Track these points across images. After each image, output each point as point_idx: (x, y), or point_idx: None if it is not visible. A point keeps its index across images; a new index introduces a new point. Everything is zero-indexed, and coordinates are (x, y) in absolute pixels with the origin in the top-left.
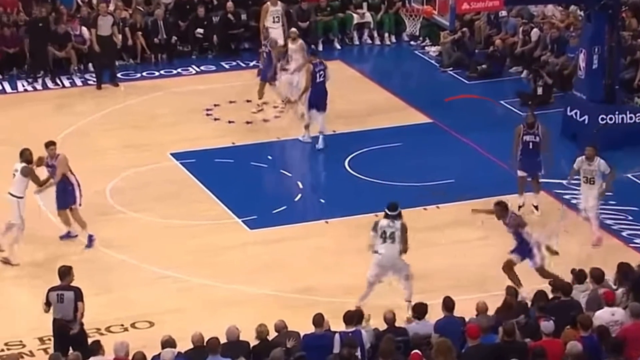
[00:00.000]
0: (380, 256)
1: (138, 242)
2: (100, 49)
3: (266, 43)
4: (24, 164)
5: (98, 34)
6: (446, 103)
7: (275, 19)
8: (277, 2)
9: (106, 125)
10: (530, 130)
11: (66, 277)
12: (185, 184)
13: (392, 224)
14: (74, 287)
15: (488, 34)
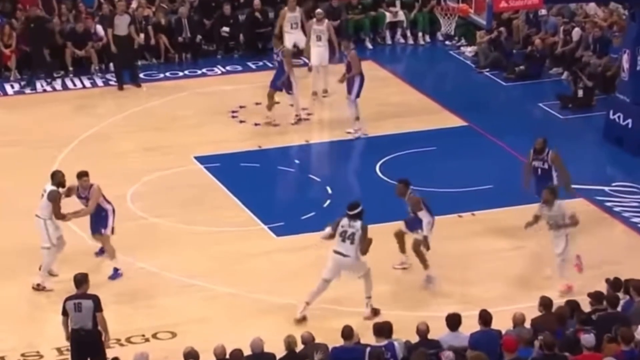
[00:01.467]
0: (338, 257)
1: (160, 249)
2: (118, 49)
3: (277, 52)
4: (54, 187)
5: (115, 34)
6: (482, 105)
7: (293, 25)
8: (295, 8)
9: (128, 127)
10: (538, 156)
11: (83, 285)
12: (209, 189)
13: (352, 223)
14: (92, 295)
15: (527, 33)
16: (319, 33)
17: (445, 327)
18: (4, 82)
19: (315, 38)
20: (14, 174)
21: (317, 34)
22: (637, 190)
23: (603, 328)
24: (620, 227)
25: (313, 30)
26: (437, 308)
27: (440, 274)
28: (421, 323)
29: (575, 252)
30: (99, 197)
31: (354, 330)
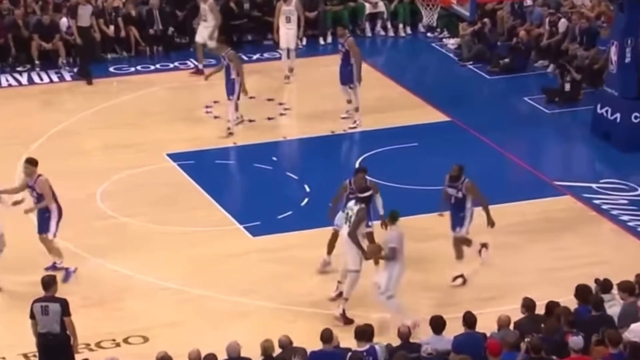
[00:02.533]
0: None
1: (131, 250)
2: (82, 41)
3: (224, 55)
4: None
5: (78, 25)
6: (466, 100)
7: (287, 19)
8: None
9: (97, 123)
10: (453, 183)
11: (51, 288)
12: (182, 187)
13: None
14: (60, 299)
15: (511, 24)
16: (287, 14)
17: (429, 330)
18: None
19: (285, 19)
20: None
21: (287, 15)
22: (626, 187)
23: (588, 330)
24: (608, 225)
25: (282, 12)
26: (420, 310)
27: (423, 275)
28: (402, 326)
29: None
30: (49, 192)
31: (333, 333)
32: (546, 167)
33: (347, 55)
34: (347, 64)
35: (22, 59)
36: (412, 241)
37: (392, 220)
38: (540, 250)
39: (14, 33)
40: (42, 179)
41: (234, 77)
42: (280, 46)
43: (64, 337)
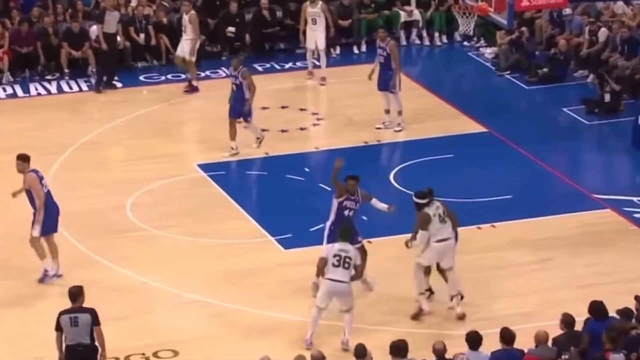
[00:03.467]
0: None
1: (161, 262)
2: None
3: (236, 73)
4: None
5: (104, 31)
6: (503, 110)
7: (313, 21)
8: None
9: (127, 133)
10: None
11: (78, 299)
12: (213, 199)
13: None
14: (89, 309)
15: (550, 33)
16: (313, 16)
17: (465, 346)
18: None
19: (311, 22)
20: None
21: (312, 17)
22: None
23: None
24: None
25: (308, 14)
26: (456, 326)
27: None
28: (438, 342)
29: None
30: (39, 188)
31: (367, 349)
32: (585, 180)
33: (388, 60)
34: (387, 69)
35: (52, 68)
36: None
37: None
38: (580, 264)
39: (43, 41)
40: (29, 176)
41: (248, 97)
42: (307, 45)
43: (93, 348)
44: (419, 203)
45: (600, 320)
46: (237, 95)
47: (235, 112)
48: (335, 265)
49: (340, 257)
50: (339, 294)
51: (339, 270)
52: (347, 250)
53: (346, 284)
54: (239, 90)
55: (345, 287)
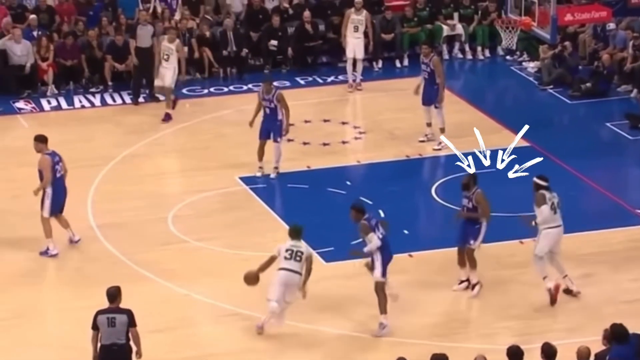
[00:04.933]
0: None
1: (203, 274)
2: (140, 62)
3: (270, 97)
4: None
5: (137, 46)
6: (546, 125)
7: (355, 28)
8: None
9: (169, 146)
10: (466, 193)
11: (116, 299)
12: (255, 211)
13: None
14: (127, 310)
15: (594, 48)
16: (356, 23)
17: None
18: (40, 97)
19: (353, 28)
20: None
21: (355, 24)
22: None
23: None
24: None
25: (351, 20)
26: (497, 340)
27: (501, 302)
28: (479, 356)
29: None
30: (47, 171)
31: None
32: (629, 195)
33: (432, 75)
34: (432, 84)
35: (96, 80)
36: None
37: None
38: (624, 280)
39: (87, 54)
40: (42, 158)
41: (281, 118)
42: (347, 54)
43: (127, 348)
44: (539, 184)
45: (622, 344)
46: (270, 118)
47: (266, 133)
48: (287, 258)
49: (292, 251)
50: (290, 284)
51: (291, 261)
52: (299, 246)
53: (298, 274)
54: (272, 113)
55: (297, 277)
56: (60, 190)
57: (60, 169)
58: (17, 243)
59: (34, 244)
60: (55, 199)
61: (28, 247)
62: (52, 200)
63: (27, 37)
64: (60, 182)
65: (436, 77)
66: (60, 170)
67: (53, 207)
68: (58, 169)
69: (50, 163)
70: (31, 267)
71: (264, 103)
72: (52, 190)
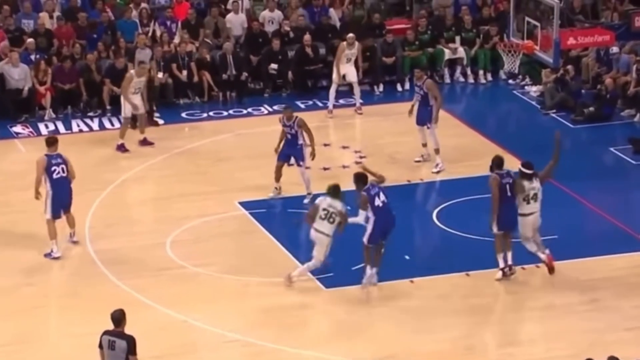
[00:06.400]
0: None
1: (202, 300)
2: None
3: (291, 124)
4: None
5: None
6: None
7: (348, 60)
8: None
9: (168, 170)
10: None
11: (121, 323)
12: (254, 237)
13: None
14: (129, 337)
15: (597, 72)
16: (350, 56)
17: None
18: (38, 121)
19: (346, 61)
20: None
21: (348, 57)
22: None
23: None
24: None
25: (344, 55)
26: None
27: (504, 328)
28: None
29: None
30: (38, 171)
31: None
32: (633, 220)
33: (426, 97)
34: (426, 105)
35: (94, 104)
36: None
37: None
38: (628, 306)
39: (85, 78)
40: (38, 158)
41: (302, 143)
42: (334, 79)
43: None
44: (523, 172)
45: None
46: (291, 142)
47: (285, 157)
48: (321, 218)
49: (328, 212)
50: (317, 242)
51: (324, 223)
52: (335, 206)
53: (327, 236)
54: (293, 138)
55: (324, 238)
56: (60, 192)
57: (60, 171)
58: (13, 267)
59: (30, 267)
60: (55, 200)
61: (24, 273)
62: (53, 201)
63: (24, 61)
64: (59, 183)
65: (430, 99)
66: (60, 172)
67: (54, 208)
68: (57, 170)
69: (43, 163)
70: (29, 292)
71: (285, 129)
72: (51, 192)
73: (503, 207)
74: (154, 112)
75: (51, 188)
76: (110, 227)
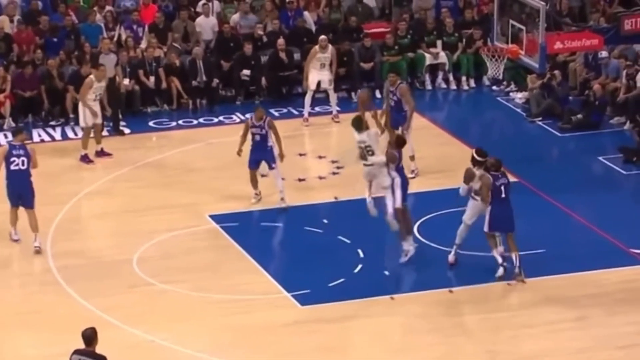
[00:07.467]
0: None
1: (170, 319)
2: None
3: (261, 124)
4: None
5: None
6: (535, 159)
7: (322, 66)
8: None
9: (135, 182)
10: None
11: (92, 342)
12: (226, 252)
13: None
14: (100, 356)
15: (585, 77)
16: (323, 61)
17: None
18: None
19: (319, 66)
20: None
21: (322, 62)
22: None
23: None
24: None
25: (317, 59)
26: None
27: (487, 348)
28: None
29: None
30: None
31: None
32: (623, 233)
33: (399, 103)
34: (399, 110)
35: (56, 113)
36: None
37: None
38: (618, 323)
39: (47, 85)
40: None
41: (271, 144)
42: (309, 87)
43: None
44: (474, 159)
45: None
46: (260, 146)
47: (256, 163)
48: (363, 155)
49: (362, 148)
50: (371, 176)
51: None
52: (364, 140)
53: (372, 165)
54: (263, 140)
55: (371, 168)
56: (15, 183)
57: (20, 163)
58: None
59: None
60: (10, 191)
61: None
62: (8, 191)
63: None
64: (15, 176)
65: (404, 105)
66: (19, 164)
67: (10, 198)
68: (16, 161)
69: (4, 152)
70: None
71: (253, 130)
72: (7, 182)
73: (497, 208)
74: (120, 120)
75: (6, 178)
76: (74, 242)
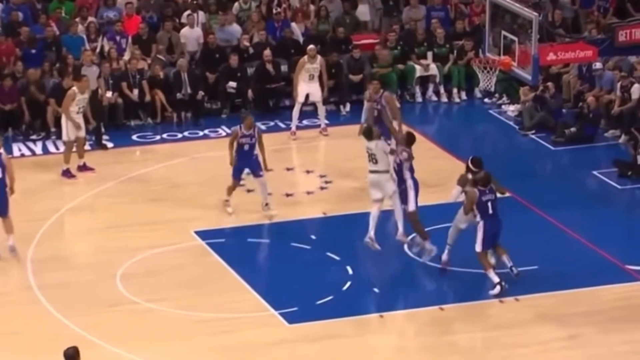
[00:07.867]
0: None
1: (154, 339)
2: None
3: (251, 133)
4: None
5: None
6: (527, 173)
7: (310, 77)
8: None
9: (117, 197)
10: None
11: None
12: (211, 269)
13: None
14: None
15: (579, 90)
16: (311, 72)
17: None
18: None
19: (308, 77)
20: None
21: (310, 73)
22: None
23: None
24: None
25: (305, 69)
26: None
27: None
28: None
29: None
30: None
31: None
32: (618, 249)
33: (381, 114)
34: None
35: (37, 126)
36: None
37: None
38: (613, 342)
39: (27, 97)
40: None
41: (257, 153)
42: (297, 99)
43: None
44: (470, 168)
45: None
46: (247, 154)
47: (240, 172)
48: (369, 161)
49: (368, 154)
50: (374, 184)
51: (370, 163)
52: (370, 148)
53: (377, 173)
54: (251, 149)
55: (376, 176)
56: None
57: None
58: None
59: None
60: None
61: None
62: None
63: None
64: None
65: (389, 114)
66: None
67: None
68: None
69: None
70: None
71: (243, 140)
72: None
73: (488, 225)
74: (103, 134)
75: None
76: (55, 260)
